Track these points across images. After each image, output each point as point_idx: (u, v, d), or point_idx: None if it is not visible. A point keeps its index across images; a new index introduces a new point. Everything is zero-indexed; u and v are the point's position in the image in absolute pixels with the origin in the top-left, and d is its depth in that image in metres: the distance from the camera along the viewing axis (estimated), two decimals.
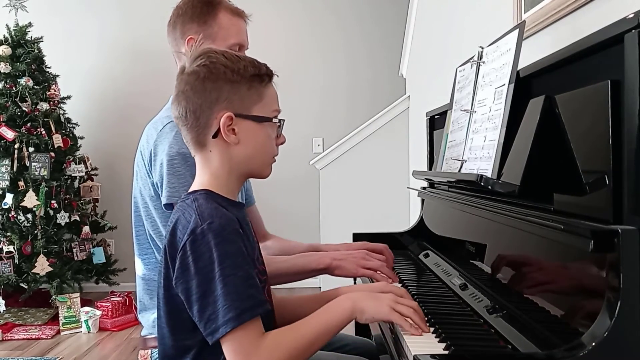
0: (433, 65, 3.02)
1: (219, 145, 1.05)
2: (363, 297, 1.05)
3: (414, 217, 2.92)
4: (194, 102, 1.03)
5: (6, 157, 3.81)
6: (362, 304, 1.03)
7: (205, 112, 1.03)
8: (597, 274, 0.83)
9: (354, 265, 1.41)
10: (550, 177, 1.03)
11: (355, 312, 1.03)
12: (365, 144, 3.73)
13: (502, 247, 1.23)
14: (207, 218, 0.97)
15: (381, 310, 1.04)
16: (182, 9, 1.45)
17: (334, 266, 1.41)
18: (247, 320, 0.93)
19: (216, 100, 1.03)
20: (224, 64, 1.03)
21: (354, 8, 4.64)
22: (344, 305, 1.03)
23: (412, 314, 1.04)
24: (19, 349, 3.23)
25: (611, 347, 0.77)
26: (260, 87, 1.07)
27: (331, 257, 1.43)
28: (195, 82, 1.03)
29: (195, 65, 1.04)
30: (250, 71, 1.05)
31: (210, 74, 1.03)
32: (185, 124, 1.06)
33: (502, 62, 1.28)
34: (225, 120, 1.02)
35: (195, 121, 1.04)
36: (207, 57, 1.04)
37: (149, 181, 1.37)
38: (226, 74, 1.03)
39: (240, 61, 1.05)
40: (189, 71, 1.04)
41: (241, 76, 1.04)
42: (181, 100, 1.05)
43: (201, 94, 1.03)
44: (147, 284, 1.42)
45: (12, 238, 3.72)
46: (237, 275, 0.94)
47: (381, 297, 1.06)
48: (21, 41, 4.00)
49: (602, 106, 0.86)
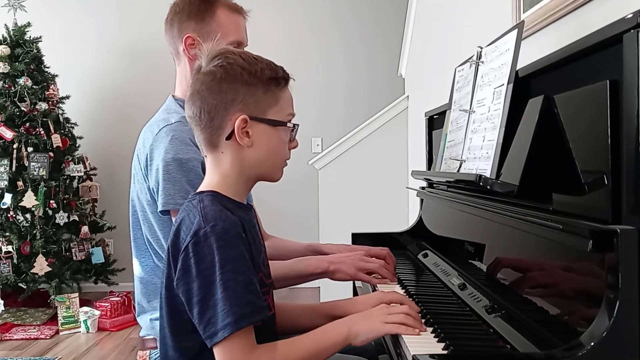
0: (432, 65, 3.02)
1: (231, 147, 1.04)
2: (357, 320, 1.05)
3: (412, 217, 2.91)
4: (209, 103, 1.02)
5: (5, 157, 3.81)
6: (356, 327, 1.03)
7: (220, 113, 1.02)
8: (596, 274, 0.83)
9: (352, 269, 1.40)
10: (549, 177, 1.03)
11: (350, 337, 1.02)
12: (364, 143, 3.73)
13: (501, 247, 1.23)
14: (210, 220, 0.96)
15: (374, 328, 1.04)
16: (179, 6, 1.43)
17: (332, 270, 1.40)
18: (244, 327, 0.92)
19: (232, 102, 1.02)
20: (241, 66, 1.02)
21: (353, 8, 4.64)
22: (341, 329, 1.03)
23: (403, 319, 1.04)
24: (17, 349, 3.23)
25: (610, 347, 0.77)
26: (277, 91, 1.06)
27: (328, 260, 1.42)
28: (212, 83, 1.02)
29: (212, 65, 1.02)
30: (267, 74, 1.04)
31: (227, 75, 1.01)
32: (198, 124, 1.04)
33: (501, 62, 1.28)
34: (240, 122, 1.01)
35: (209, 122, 1.03)
36: (224, 58, 1.02)
37: (145, 185, 1.36)
38: (243, 76, 1.02)
39: (258, 63, 1.04)
40: (205, 71, 1.03)
41: (258, 79, 1.03)
42: (196, 100, 1.03)
43: (217, 94, 1.02)
44: (145, 287, 1.41)
45: (11, 238, 3.72)
46: (238, 280, 0.94)
47: (371, 315, 1.06)
48: (20, 41, 4.00)
49: (601, 106, 0.86)
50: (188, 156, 1.28)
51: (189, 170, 1.28)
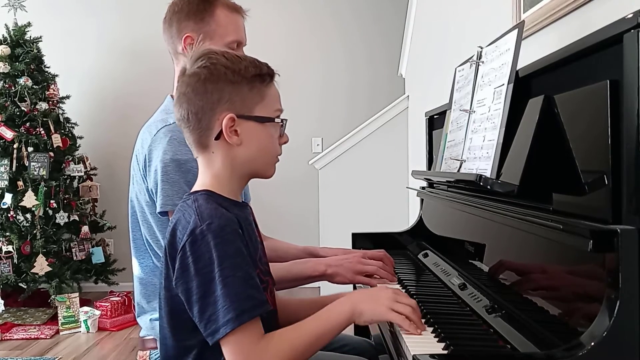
0: (432, 65, 3.02)
1: (221, 147, 1.04)
2: (361, 299, 1.05)
3: (413, 217, 2.91)
4: (195, 104, 1.02)
5: (5, 156, 3.81)
6: (361, 306, 1.03)
7: (207, 114, 1.02)
8: (596, 274, 0.83)
9: (350, 272, 1.39)
10: (549, 177, 1.03)
11: (354, 315, 1.02)
12: (364, 143, 3.73)
13: (501, 247, 1.23)
14: (206, 219, 0.96)
15: (379, 311, 1.04)
16: (178, 5, 1.42)
17: (330, 273, 1.39)
18: (246, 321, 0.92)
19: (218, 102, 1.02)
20: (224, 65, 1.02)
21: (353, 8, 4.64)
22: (344, 308, 1.03)
23: (410, 313, 1.04)
24: (18, 349, 3.23)
25: (610, 347, 0.77)
26: (262, 87, 1.06)
27: (326, 264, 1.41)
28: (196, 84, 1.02)
29: (196, 66, 1.03)
30: (252, 71, 1.04)
31: (211, 75, 1.02)
32: (187, 126, 1.05)
33: (501, 62, 1.28)
34: (228, 121, 1.02)
35: (197, 123, 1.03)
36: (207, 59, 1.03)
37: (144, 186, 1.35)
38: (227, 75, 1.02)
39: (241, 61, 1.04)
40: (189, 73, 1.04)
41: (242, 77, 1.03)
42: (183, 102, 1.04)
43: (202, 95, 1.02)
44: (144, 287, 1.41)
45: (11, 238, 3.72)
46: (237, 275, 0.94)
47: (379, 298, 1.06)
48: (20, 41, 4.00)
49: (601, 106, 0.86)
50: (186, 157, 1.28)
51: (187, 171, 1.28)
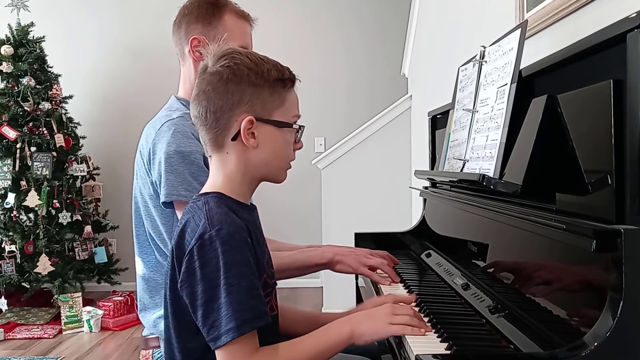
0: (435, 65, 3.02)
1: (236, 148, 1.03)
2: (361, 321, 1.04)
3: (416, 217, 2.92)
4: (215, 103, 1.01)
5: (8, 156, 3.82)
6: (361, 327, 1.02)
7: (226, 114, 1.01)
8: (599, 274, 0.83)
9: (355, 262, 1.43)
10: (552, 176, 1.03)
11: (354, 337, 1.01)
12: (367, 143, 3.73)
13: (504, 247, 1.23)
14: (216, 224, 0.96)
15: (379, 329, 1.03)
16: (188, 8, 1.45)
17: (336, 261, 1.43)
18: (246, 332, 0.92)
19: (238, 103, 1.01)
20: (247, 66, 1.01)
21: (354, 7, 4.64)
22: (344, 329, 1.02)
23: (409, 320, 1.03)
24: (21, 349, 3.24)
25: (613, 347, 0.77)
26: (283, 92, 1.05)
27: (333, 252, 1.44)
28: (218, 83, 1.01)
29: (219, 65, 1.02)
30: (274, 75, 1.03)
31: (234, 76, 1.01)
32: (204, 124, 1.04)
33: (505, 61, 1.28)
34: (246, 123, 1.01)
35: (215, 122, 1.02)
36: (231, 58, 1.02)
37: (148, 180, 1.37)
38: (250, 77, 1.01)
39: (264, 64, 1.03)
40: (211, 71, 1.02)
41: (264, 80, 1.02)
42: (202, 100, 1.03)
43: (223, 95, 1.01)
44: (147, 283, 1.42)
45: (14, 238, 3.73)
46: (242, 285, 0.93)
47: (378, 316, 1.05)
48: (23, 41, 4.01)
49: (605, 106, 0.86)
50: (190, 149, 1.30)
51: (191, 162, 1.29)
